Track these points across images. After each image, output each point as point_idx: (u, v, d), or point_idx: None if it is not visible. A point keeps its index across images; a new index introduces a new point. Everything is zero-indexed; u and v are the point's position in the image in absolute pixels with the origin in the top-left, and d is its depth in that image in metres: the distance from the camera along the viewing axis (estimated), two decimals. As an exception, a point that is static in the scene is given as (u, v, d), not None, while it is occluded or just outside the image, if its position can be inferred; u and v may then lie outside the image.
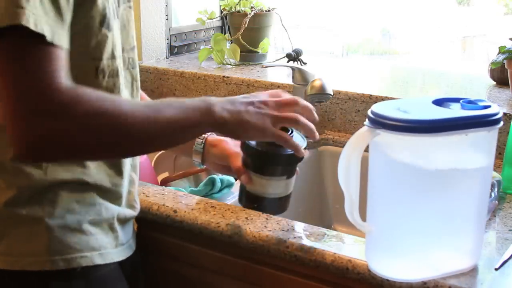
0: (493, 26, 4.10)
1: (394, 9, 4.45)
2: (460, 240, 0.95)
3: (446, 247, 0.95)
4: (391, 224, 0.94)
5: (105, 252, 1.02)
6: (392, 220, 0.94)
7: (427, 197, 0.91)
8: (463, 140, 0.89)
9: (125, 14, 1.03)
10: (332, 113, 1.67)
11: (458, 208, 0.92)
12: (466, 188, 0.92)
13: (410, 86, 1.82)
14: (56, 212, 0.97)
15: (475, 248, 0.97)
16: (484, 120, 0.88)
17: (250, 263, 1.15)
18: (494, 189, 1.21)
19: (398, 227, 0.93)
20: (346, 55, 3.99)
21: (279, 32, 2.18)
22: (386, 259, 0.97)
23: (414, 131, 0.85)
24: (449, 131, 0.86)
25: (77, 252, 0.98)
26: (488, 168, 0.94)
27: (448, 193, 0.91)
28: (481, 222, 0.97)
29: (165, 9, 2.10)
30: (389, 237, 0.95)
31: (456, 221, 0.93)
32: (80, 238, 0.99)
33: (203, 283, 1.23)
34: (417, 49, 4.54)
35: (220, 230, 1.14)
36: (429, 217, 0.91)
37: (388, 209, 0.93)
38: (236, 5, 2.07)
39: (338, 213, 1.63)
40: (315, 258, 1.04)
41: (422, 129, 0.85)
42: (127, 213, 1.09)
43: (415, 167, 0.89)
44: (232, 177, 1.39)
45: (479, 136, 0.90)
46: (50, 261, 0.96)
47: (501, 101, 1.54)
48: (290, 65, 1.69)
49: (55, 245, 0.96)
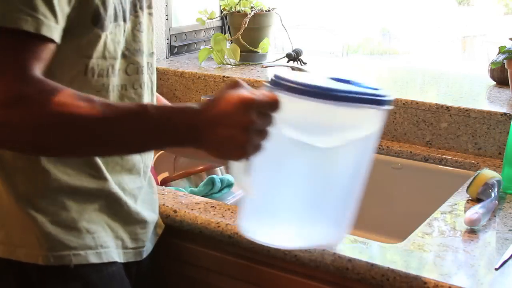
0: (493, 26, 4.10)
1: (394, 9, 4.45)
2: (333, 214, 0.97)
3: (318, 219, 0.96)
4: (268, 190, 0.95)
5: (104, 251, 1.02)
6: (269, 187, 0.95)
7: (305, 169, 0.93)
8: (350, 115, 0.91)
9: (146, 20, 1.05)
10: (332, 113, 1.67)
11: (332, 183, 0.95)
12: (343, 165, 0.94)
13: (410, 86, 1.83)
14: (50, 208, 0.97)
15: (346, 222, 0.99)
16: (375, 99, 0.91)
17: (250, 263, 1.15)
18: (494, 189, 1.21)
19: (274, 195, 0.95)
20: (346, 55, 3.99)
21: (279, 32, 2.18)
22: (258, 223, 0.97)
23: (309, 95, 0.87)
24: (341, 101, 0.88)
25: (69, 249, 0.98)
26: (366, 148, 0.96)
27: (326, 168, 0.93)
28: (354, 199, 0.98)
29: (165, 9, 2.10)
30: (265, 203, 0.95)
31: (329, 195, 0.95)
32: (75, 235, 0.99)
33: (203, 283, 1.23)
34: (417, 49, 4.54)
35: (220, 230, 1.14)
36: (305, 188, 0.94)
37: (268, 176, 0.94)
38: (236, 5, 2.07)
39: (338, 213, 1.63)
40: (315, 258, 1.04)
41: (317, 94, 0.87)
42: (135, 215, 1.08)
43: (299, 141, 0.90)
44: (232, 178, 1.39)
45: (366, 114, 0.92)
46: (42, 256, 0.96)
47: (501, 101, 1.54)
48: (290, 65, 1.69)
49: (47, 241, 0.97)
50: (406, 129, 1.56)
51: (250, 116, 0.83)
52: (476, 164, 1.43)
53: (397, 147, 1.54)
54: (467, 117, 1.48)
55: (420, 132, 1.54)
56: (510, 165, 1.27)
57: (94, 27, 0.93)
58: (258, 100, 0.84)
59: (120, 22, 0.98)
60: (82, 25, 0.92)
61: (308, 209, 0.95)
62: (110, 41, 0.96)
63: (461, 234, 1.10)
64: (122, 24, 0.98)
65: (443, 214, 1.17)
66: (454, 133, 1.50)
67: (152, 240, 1.15)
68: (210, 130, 0.84)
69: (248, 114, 0.83)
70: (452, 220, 1.15)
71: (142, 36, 1.04)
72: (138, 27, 1.03)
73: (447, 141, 1.51)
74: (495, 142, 1.45)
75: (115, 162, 1.04)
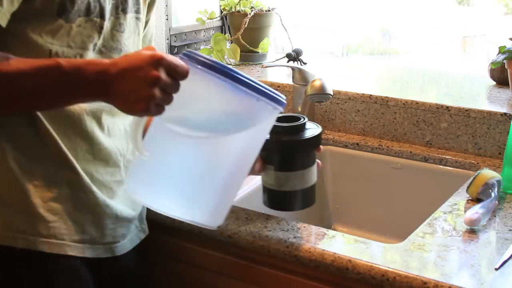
0: (493, 26, 4.10)
1: (394, 9, 4.45)
2: (212, 197, 1.00)
3: (199, 197, 1.00)
4: (159, 157, 0.98)
5: (57, 243, 1.02)
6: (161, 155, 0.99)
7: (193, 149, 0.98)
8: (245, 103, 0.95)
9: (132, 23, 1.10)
10: (332, 113, 1.67)
11: (217, 169, 1.00)
12: (229, 154, 1.00)
13: (410, 86, 1.82)
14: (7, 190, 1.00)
15: (223, 210, 1.03)
16: (274, 97, 0.96)
17: (250, 263, 1.15)
18: (494, 189, 1.21)
19: (164, 163, 0.99)
20: (346, 55, 3.99)
21: (279, 32, 2.18)
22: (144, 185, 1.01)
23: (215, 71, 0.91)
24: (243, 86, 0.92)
25: (19, 232, 1.00)
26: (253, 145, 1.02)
27: (212, 153, 0.99)
28: (233, 190, 1.04)
29: (165, 9, 2.10)
30: (154, 168, 0.99)
31: (213, 178, 1.00)
32: (28, 220, 1.01)
33: (203, 283, 1.23)
34: (417, 49, 4.54)
35: (220, 230, 1.14)
36: (192, 166, 0.99)
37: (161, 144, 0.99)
38: (236, 5, 2.07)
39: (338, 213, 1.63)
40: (315, 258, 1.04)
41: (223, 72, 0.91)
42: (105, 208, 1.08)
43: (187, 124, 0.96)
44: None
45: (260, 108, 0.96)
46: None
47: (501, 101, 1.54)
48: (290, 65, 1.69)
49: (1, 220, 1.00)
50: (406, 129, 1.56)
51: (158, 72, 0.87)
52: (476, 164, 1.43)
53: (397, 147, 1.54)
54: (467, 117, 1.48)
55: (420, 132, 1.54)
56: (510, 165, 1.27)
57: (59, 18, 0.98)
58: (168, 59, 0.88)
59: (94, 18, 1.02)
60: (47, 15, 0.97)
61: (191, 185, 1.00)
62: (77, 33, 1.00)
63: (461, 234, 1.10)
64: (97, 21, 1.03)
65: (443, 214, 1.17)
66: (454, 133, 1.50)
67: (133, 239, 1.15)
68: (119, 82, 0.88)
69: (155, 70, 0.87)
70: (452, 220, 1.15)
71: (122, 37, 1.08)
72: (118, 28, 1.07)
73: (447, 141, 1.51)
74: (495, 142, 1.45)
75: (84, 150, 1.05)
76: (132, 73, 0.88)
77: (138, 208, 1.16)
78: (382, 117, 1.59)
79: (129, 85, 0.88)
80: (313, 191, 1.17)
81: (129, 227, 1.14)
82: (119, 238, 1.11)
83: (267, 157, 1.14)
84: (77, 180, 1.04)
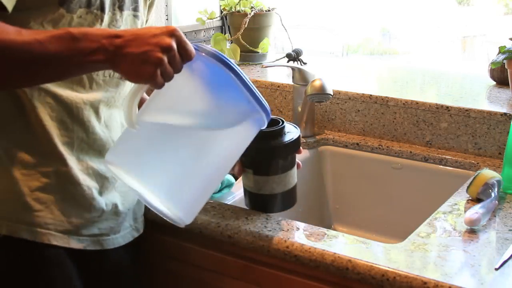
0: (493, 26, 4.10)
1: (394, 9, 4.45)
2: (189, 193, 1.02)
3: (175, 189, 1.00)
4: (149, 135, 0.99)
5: (40, 231, 1.02)
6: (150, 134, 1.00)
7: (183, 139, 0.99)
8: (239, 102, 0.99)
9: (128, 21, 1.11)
10: (332, 113, 1.67)
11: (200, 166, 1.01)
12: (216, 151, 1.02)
13: (410, 86, 1.82)
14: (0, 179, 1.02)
15: (195, 208, 1.03)
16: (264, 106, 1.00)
17: (250, 263, 1.15)
18: (494, 189, 1.21)
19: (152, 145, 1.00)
20: (346, 55, 3.99)
21: (279, 32, 2.18)
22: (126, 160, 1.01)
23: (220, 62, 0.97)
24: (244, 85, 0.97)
25: (3, 219, 1.01)
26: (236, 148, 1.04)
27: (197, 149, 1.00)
28: (209, 190, 1.05)
29: (165, 9, 2.10)
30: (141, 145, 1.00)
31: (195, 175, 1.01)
32: (14, 207, 1.02)
33: (203, 283, 1.23)
34: (417, 49, 4.54)
35: (220, 230, 1.14)
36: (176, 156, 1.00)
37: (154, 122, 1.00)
38: (236, 5, 2.07)
39: (338, 213, 1.63)
40: (315, 258, 1.04)
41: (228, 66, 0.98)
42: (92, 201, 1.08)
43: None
44: (232, 177, 1.39)
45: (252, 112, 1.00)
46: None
47: (501, 101, 1.54)
48: (290, 65, 1.69)
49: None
50: (406, 129, 1.56)
51: (171, 41, 0.91)
52: (476, 164, 1.43)
53: (397, 147, 1.54)
54: (467, 117, 1.48)
55: (420, 132, 1.54)
56: (510, 165, 1.27)
57: (60, 7, 0.99)
58: (181, 33, 0.93)
59: (95, 11, 1.04)
60: (49, 4, 0.98)
61: (172, 177, 1.00)
62: (77, 24, 1.02)
63: (461, 234, 1.10)
64: (97, 13, 1.04)
65: (443, 214, 1.17)
66: (454, 133, 1.50)
67: (126, 236, 1.15)
68: (130, 45, 0.91)
69: (169, 38, 0.91)
70: (452, 220, 1.15)
71: None
72: (114, 23, 1.09)
73: (447, 141, 1.51)
74: (495, 142, 1.45)
75: (80, 139, 1.06)
76: (146, 39, 0.90)
77: (128, 203, 1.16)
78: (382, 117, 1.59)
79: (140, 47, 0.90)
80: (293, 193, 1.18)
81: (119, 221, 1.14)
82: (107, 231, 1.12)
83: (246, 161, 1.14)
84: (66, 171, 1.04)
